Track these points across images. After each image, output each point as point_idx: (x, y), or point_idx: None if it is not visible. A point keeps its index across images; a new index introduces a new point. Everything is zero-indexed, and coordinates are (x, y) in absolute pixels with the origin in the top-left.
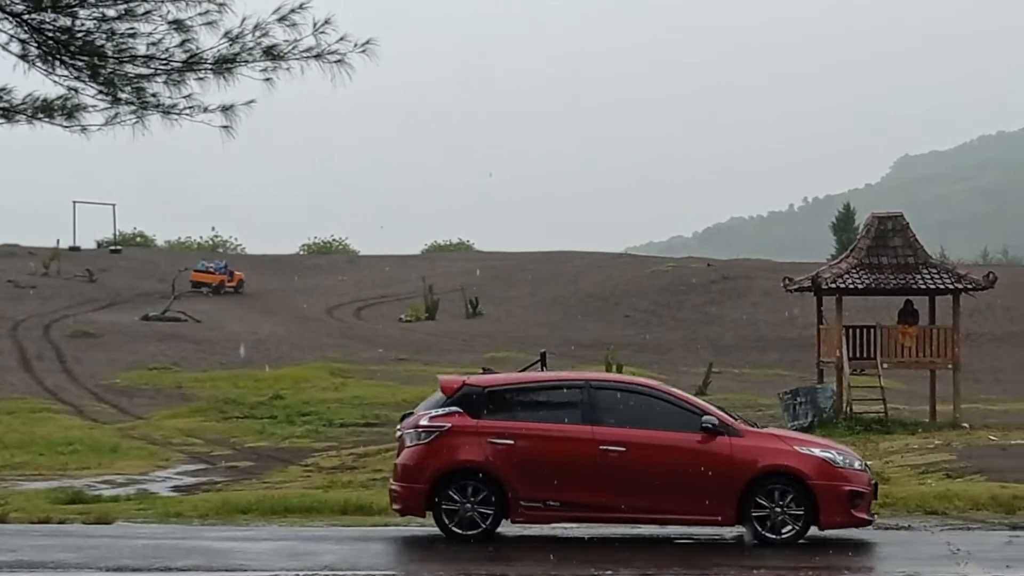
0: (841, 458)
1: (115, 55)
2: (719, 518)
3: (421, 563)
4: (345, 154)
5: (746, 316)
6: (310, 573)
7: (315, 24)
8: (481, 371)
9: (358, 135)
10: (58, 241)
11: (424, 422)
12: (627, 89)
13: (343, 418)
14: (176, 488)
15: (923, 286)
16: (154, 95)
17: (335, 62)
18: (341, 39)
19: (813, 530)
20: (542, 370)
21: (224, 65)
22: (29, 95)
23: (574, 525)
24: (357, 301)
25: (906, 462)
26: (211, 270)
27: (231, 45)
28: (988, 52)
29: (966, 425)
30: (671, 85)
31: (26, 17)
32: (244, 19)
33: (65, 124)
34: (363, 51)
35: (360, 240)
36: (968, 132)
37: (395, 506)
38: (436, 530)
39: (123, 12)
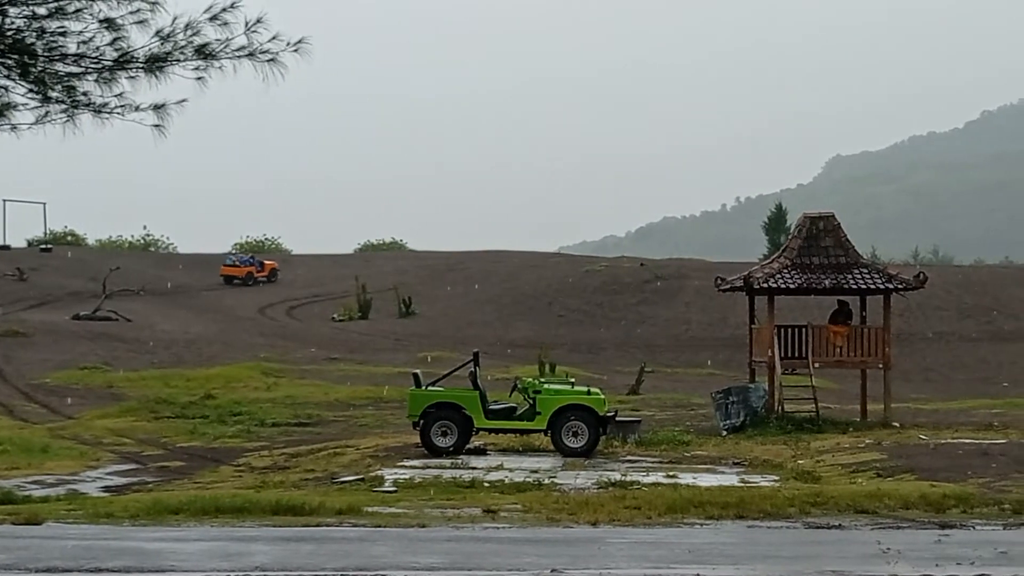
0: None
1: (45, 54)
2: None
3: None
4: (277, 153)
5: (679, 316)
6: (241, 574)
7: (247, 23)
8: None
9: (290, 133)
10: None
11: None
12: (561, 90)
13: (275, 418)
14: (107, 488)
15: (854, 286)
16: (85, 94)
17: (268, 61)
18: (273, 38)
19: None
20: (475, 369)
21: (156, 64)
22: None
23: None
24: (289, 300)
25: (837, 461)
26: (237, 264)
27: (163, 44)
28: (919, 53)
29: (897, 424)
30: (604, 86)
31: None
32: (175, 18)
33: None
34: (296, 50)
35: (293, 239)
36: (899, 132)
37: None
38: (371, 527)
39: (54, 10)
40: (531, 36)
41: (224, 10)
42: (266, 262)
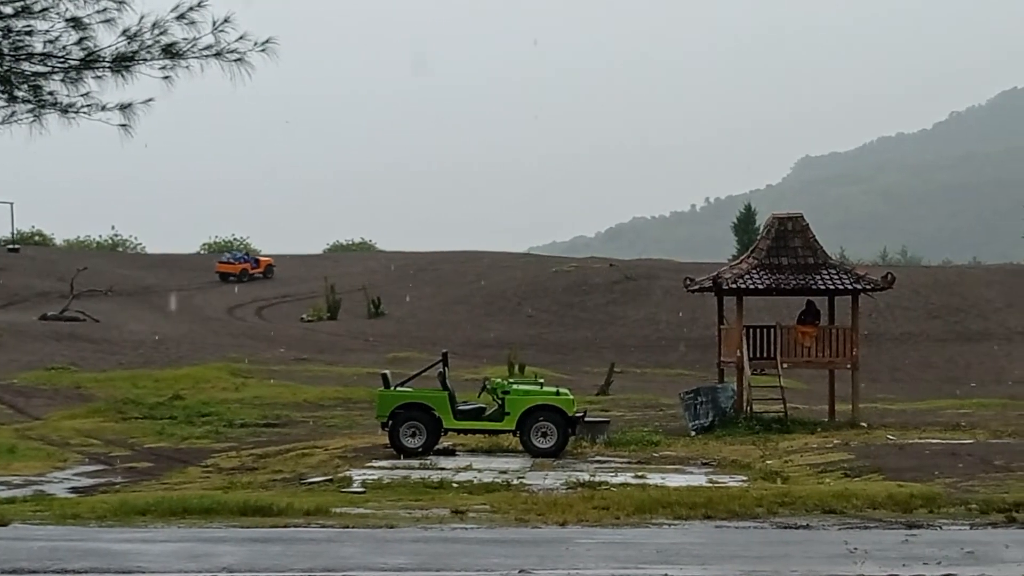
0: None
1: (11, 53)
2: None
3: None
4: (245, 153)
5: (648, 316)
6: (209, 575)
7: (214, 22)
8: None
9: (259, 133)
10: None
11: None
12: (528, 91)
13: (243, 418)
14: (74, 489)
15: (822, 286)
16: (51, 93)
17: (235, 60)
18: (241, 37)
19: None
20: (444, 370)
21: (122, 63)
22: None
23: None
24: (258, 301)
25: (805, 461)
26: (231, 261)
27: (129, 43)
28: (887, 54)
29: (864, 424)
30: (573, 87)
31: None
32: (142, 17)
33: None
34: (263, 50)
35: (262, 239)
36: (868, 133)
37: None
38: (339, 528)
39: (20, 9)
40: (499, 34)
41: (191, 9)
42: (261, 258)
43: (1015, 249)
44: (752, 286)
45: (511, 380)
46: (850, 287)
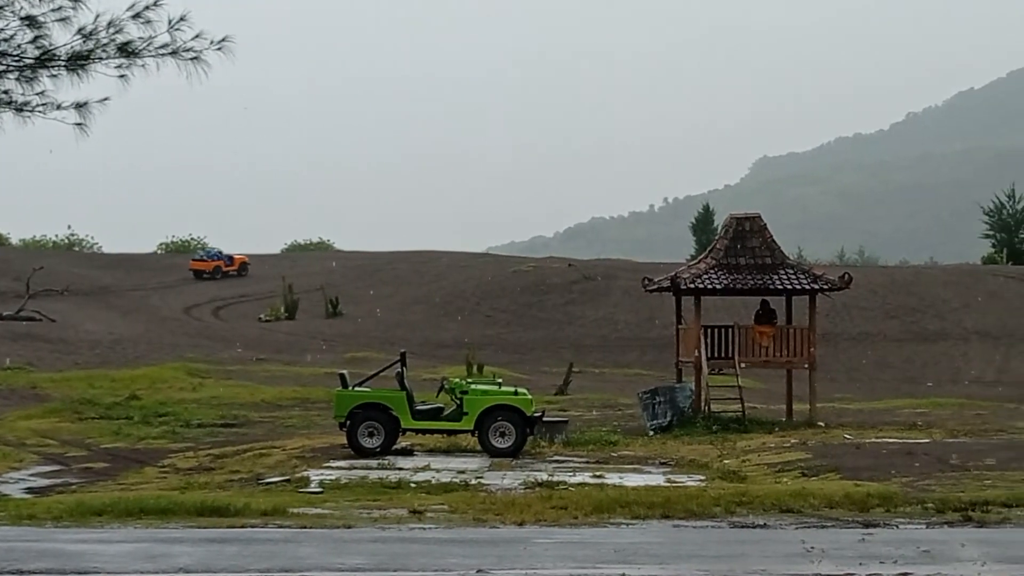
0: None
1: None
2: None
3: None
4: (203, 152)
5: (607, 316)
6: (165, 575)
7: (170, 21)
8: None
9: (216, 131)
10: None
11: None
12: (489, 89)
13: (200, 419)
14: (29, 490)
15: (780, 286)
16: (6, 92)
17: (191, 59)
18: (197, 36)
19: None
20: (402, 370)
21: (78, 62)
22: None
23: None
24: (216, 300)
25: (763, 461)
26: (204, 258)
27: (85, 42)
28: (845, 56)
29: (822, 424)
30: (532, 85)
31: None
32: (98, 16)
33: None
34: (219, 48)
35: (219, 239)
36: (826, 134)
37: None
38: (297, 528)
39: None
40: (456, 35)
41: (147, 8)
42: (235, 256)
43: (972, 249)
44: (710, 286)
45: (469, 380)
46: (807, 287)
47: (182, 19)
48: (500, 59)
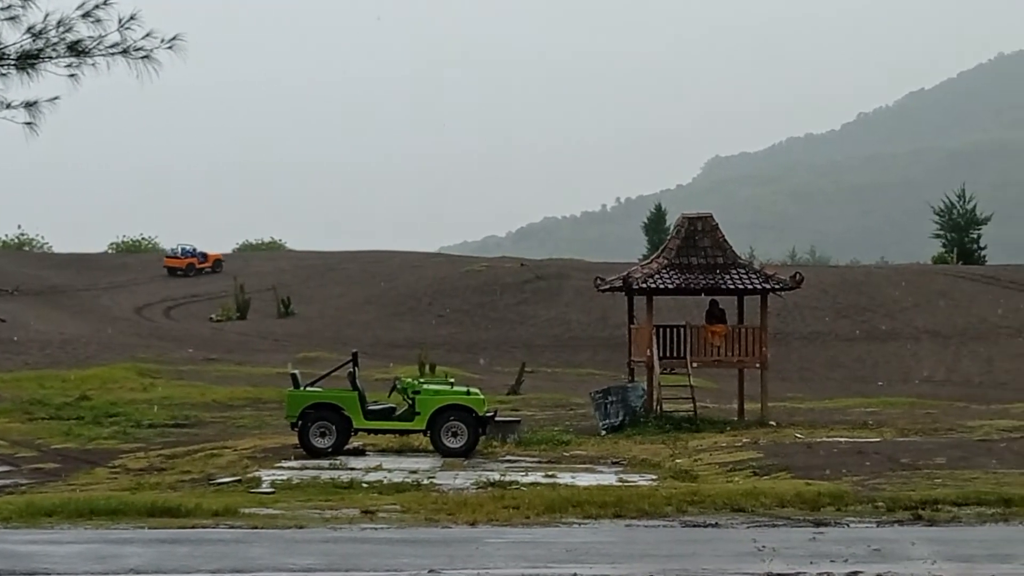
0: None
1: None
2: None
3: None
4: (153, 152)
5: (559, 316)
6: None
7: (120, 20)
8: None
9: (165, 132)
10: None
11: None
12: (440, 89)
13: (152, 419)
14: None
15: (732, 286)
16: None
17: (142, 58)
18: (147, 35)
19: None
20: (354, 370)
21: (27, 61)
22: None
23: None
24: (167, 300)
25: (715, 460)
26: (178, 255)
27: (35, 41)
28: (797, 56)
29: (773, 423)
30: (482, 85)
31: None
32: (47, 15)
33: None
34: (170, 47)
35: (171, 239)
36: (777, 134)
37: None
38: (248, 529)
39: None
40: (402, 34)
41: (97, 7)
42: (210, 253)
43: (922, 249)
44: (662, 286)
45: (421, 380)
46: (759, 287)
47: (132, 18)
48: (451, 58)
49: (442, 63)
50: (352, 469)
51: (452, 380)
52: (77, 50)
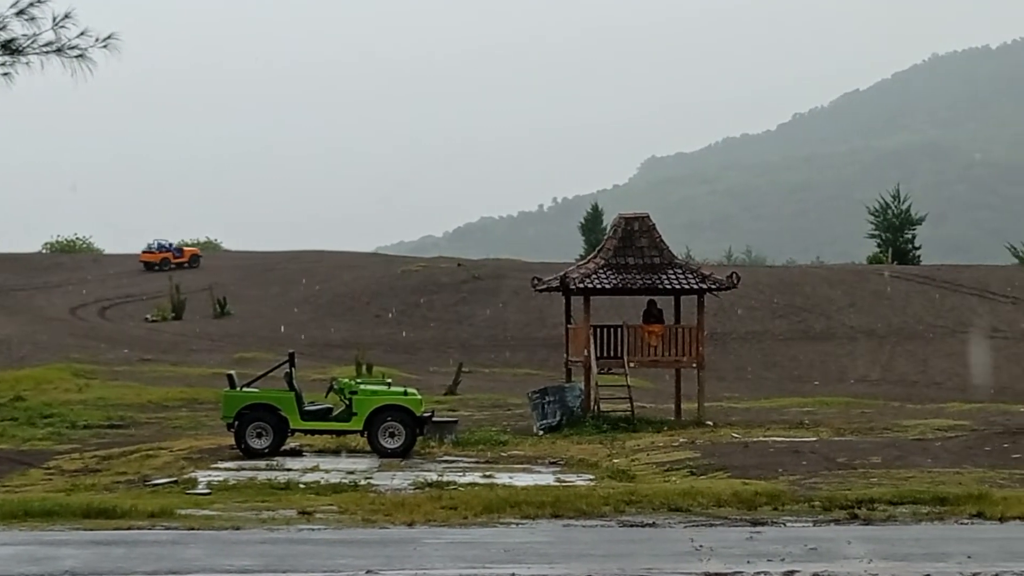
0: None
1: None
2: None
3: None
4: (85, 153)
5: (496, 316)
6: None
7: (55, 19)
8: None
9: (97, 132)
10: None
11: None
12: (375, 89)
13: (87, 420)
14: None
15: (668, 286)
16: None
17: (76, 57)
18: (82, 34)
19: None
20: (290, 370)
21: None
22: None
23: None
24: (102, 301)
25: (652, 460)
26: (154, 250)
27: None
28: (732, 56)
29: (710, 423)
30: (418, 84)
31: None
32: None
33: None
34: (104, 46)
35: (105, 239)
36: (713, 134)
37: None
38: (184, 530)
39: None
40: (336, 30)
41: (32, 4)
42: (186, 248)
43: (857, 249)
44: (599, 286)
45: (358, 380)
46: (695, 287)
47: (67, 16)
48: (384, 57)
49: (377, 61)
50: (289, 470)
51: (390, 380)
52: (11, 48)
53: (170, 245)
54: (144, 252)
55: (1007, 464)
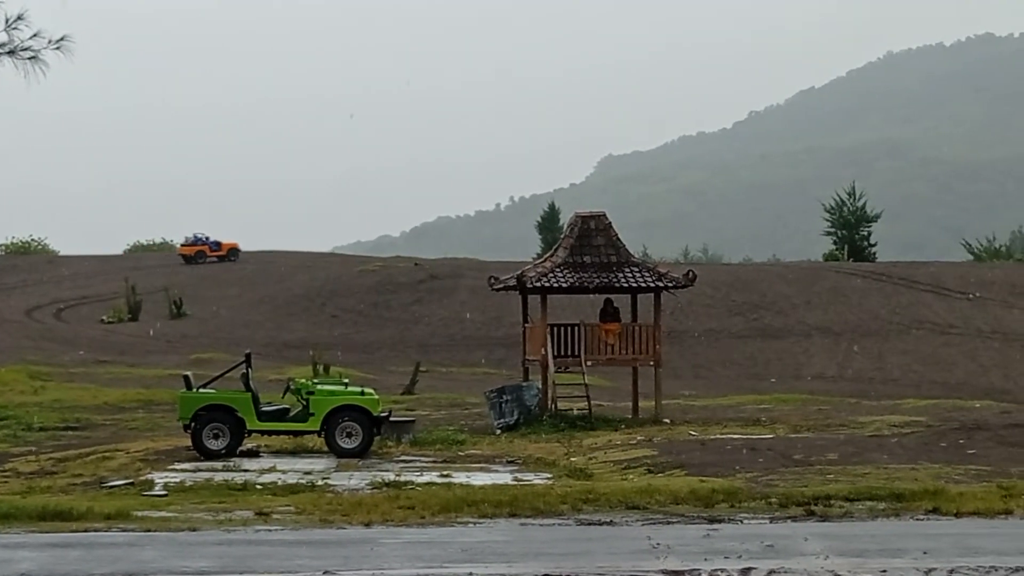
0: None
1: None
2: None
3: None
4: (37, 153)
5: (454, 315)
6: None
7: (7, 20)
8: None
9: (50, 132)
10: None
11: None
12: (330, 87)
13: (42, 422)
14: None
15: (625, 284)
16: None
17: (29, 59)
18: (35, 35)
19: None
20: (247, 371)
21: None
22: None
23: None
24: (58, 302)
25: (609, 458)
26: (190, 242)
27: None
28: (688, 53)
29: (667, 421)
30: (374, 84)
31: None
32: None
33: None
34: (58, 48)
35: (60, 240)
36: (669, 133)
37: None
38: (141, 532)
39: None
40: (311, 39)
41: None
42: (224, 242)
43: (813, 247)
44: (556, 285)
45: (315, 380)
46: (652, 285)
47: (19, 18)
48: (341, 59)
49: (337, 61)
50: (246, 471)
51: (347, 380)
52: None
53: (207, 238)
54: (182, 245)
55: (962, 460)
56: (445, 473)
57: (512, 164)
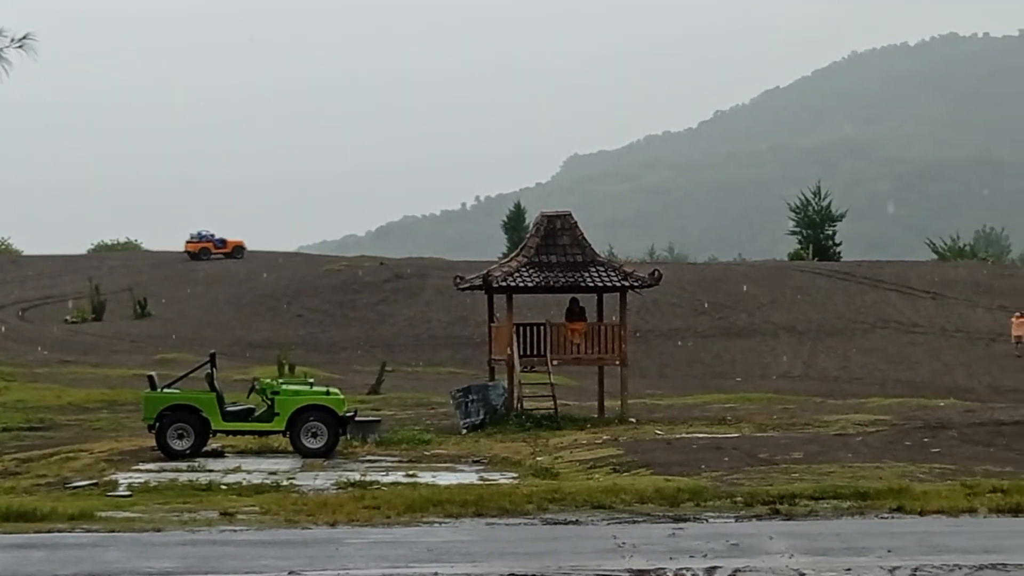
0: None
1: None
2: None
3: None
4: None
5: (419, 315)
6: None
7: None
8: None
9: (13, 132)
10: None
11: None
12: (298, 88)
13: (6, 423)
14: None
15: (591, 284)
16: None
17: None
18: None
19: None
20: (211, 371)
21: None
22: None
23: None
24: (21, 302)
25: (575, 457)
26: (195, 240)
27: None
28: (655, 52)
29: (633, 420)
30: (344, 85)
31: None
32: None
33: None
34: (20, 46)
35: (24, 240)
36: (635, 132)
37: None
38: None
39: None
40: (293, 44)
41: None
42: (229, 240)
43: (778, 246)
44: (521, 284)
45: (280, 380)
46: (618, 284)
47: None
48: (305, 60)
49: (304, 63)
50: (211, 471)
51: (312, 380)
52: None
53: (212, 236)
54: (187, 242)
55: (927, 459)
56: (411, 473)
57: (478, 163)
